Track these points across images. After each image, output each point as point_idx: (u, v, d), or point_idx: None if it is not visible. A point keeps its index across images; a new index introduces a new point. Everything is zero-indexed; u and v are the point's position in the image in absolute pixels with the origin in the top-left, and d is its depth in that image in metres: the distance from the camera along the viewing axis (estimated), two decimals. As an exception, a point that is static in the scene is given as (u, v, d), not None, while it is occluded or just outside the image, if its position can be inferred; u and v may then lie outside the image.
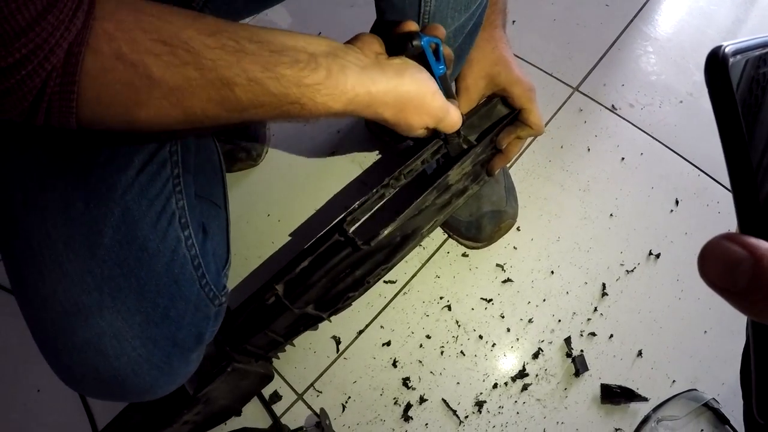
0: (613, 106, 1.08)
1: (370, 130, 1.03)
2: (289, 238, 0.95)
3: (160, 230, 0.52)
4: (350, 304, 0.72)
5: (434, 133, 0.64)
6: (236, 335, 0.73)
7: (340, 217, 0.65)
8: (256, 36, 0.44)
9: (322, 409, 0.81)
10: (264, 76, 0.43)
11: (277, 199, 1.00)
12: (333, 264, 0.69)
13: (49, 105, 0.37)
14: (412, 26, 0.56)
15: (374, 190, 0.68)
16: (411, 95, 0.52)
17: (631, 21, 1.20)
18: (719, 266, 0.19)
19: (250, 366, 0.75)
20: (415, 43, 0.54)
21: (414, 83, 0.52)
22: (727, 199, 0.96)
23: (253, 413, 0.82)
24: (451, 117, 0.58)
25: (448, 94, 0.59)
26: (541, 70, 1.13)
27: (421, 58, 0.56)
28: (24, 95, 0.36)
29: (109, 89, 0.38)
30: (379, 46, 0.55)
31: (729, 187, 0.21)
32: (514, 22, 1.18)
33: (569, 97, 1.09)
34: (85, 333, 0.49)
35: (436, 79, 0.57)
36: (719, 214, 0.96)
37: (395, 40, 0.55)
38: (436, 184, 0.70)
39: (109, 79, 0.38)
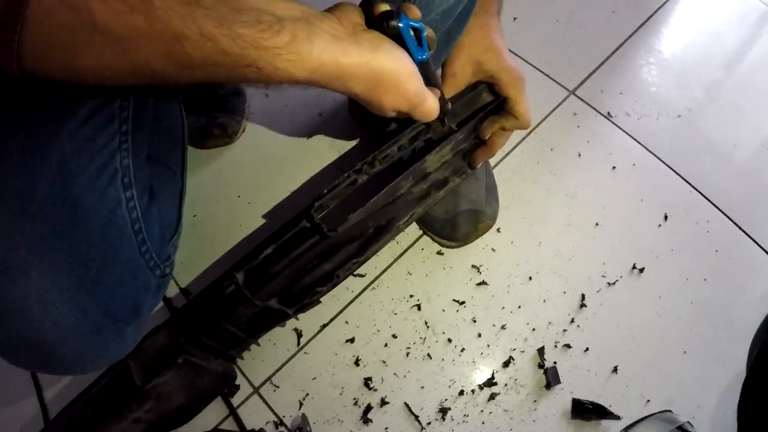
0: (608, 113, 1.04)
1: (353, 117, 0.99)
2: (259, 222, 0.91)
3: (99, 187, 0.49)
4: (318, 301, 0.68)
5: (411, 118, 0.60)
6: (192, 327, 0.68)
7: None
8: None
9: (303, 415, 0.77)
10: (218, 33, 0.39)
11: (250, 181, 0.95)
12: (299, 253, 0.65)
13: None
14: (386, 6, 0.52)
15: (345, 175, 0.64)
16: (385, 72, 0.48)
17: (636, 30, 1.17)
18: None
19: (208, 362, 0.70)
20: (391, 23, 0.49)
21: (390, 60, 0.48)
22: (718, 219, 0.93)
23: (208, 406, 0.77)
24: (427, 106, 0.54)
25: (430, 82, 0.55)
26: (537, 69, 1.09)
27: (399, 41, 0.51)
28: None
29: (51, 34, 0.36)
30: (359, 17, 0.51)
31: (721, 207, 0.16)
32: (515, 19, 1.15)
33: (564, 99, 1.05)
34: (11, 294, 0.46)
35: (416, 65, 0.52)
36: (708, 234, 0.92)
37: (374, 21, 0.51)
38: (412, 168, 0.66)
39: (51, 22, 0.35)
